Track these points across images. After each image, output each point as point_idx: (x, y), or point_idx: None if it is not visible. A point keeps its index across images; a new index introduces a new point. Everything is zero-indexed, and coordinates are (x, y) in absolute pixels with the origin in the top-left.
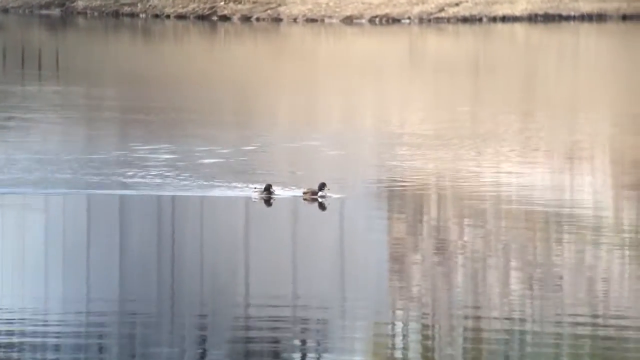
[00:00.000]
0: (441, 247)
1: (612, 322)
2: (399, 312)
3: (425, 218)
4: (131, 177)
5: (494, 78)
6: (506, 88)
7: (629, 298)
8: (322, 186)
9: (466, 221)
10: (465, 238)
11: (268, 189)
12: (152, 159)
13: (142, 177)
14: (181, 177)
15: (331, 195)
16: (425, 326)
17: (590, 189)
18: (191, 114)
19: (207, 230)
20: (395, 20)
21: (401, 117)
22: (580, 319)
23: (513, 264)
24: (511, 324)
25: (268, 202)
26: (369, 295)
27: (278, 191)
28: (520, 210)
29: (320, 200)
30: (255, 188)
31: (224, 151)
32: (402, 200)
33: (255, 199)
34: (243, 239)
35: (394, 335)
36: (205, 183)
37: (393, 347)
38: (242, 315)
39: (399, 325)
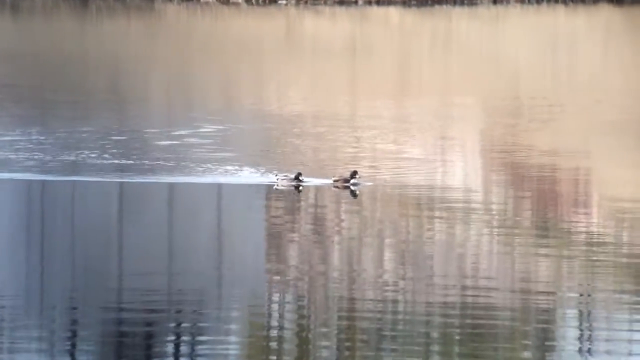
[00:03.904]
0: (318, 229)
1: (481, 295)
2: (274, 293)
3: (302, 201)
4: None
5: (370, 61)
6: (382, 71)
7: (497, 275)
8: (353, 174)
9: (343, 203)
10: (342, 219)
11: (297, 177)
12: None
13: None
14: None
15: (363, 182)
16: (300, 306)
17: (461, 170)
18: (62, 94)
19: (79, 215)
20: (272, 1)
21: (279, 99)
22: (450, 297)
23: (387, 244)
24: (384, 303)
25: (297, 189)
26: (245, 277)
27: (307, 179)
28: (394, 191)
29: (352, 187)
30: (277, 175)
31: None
32: (280, 184)
33: (282, 186)
34: (117, 224)
35: (269, 315)
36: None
37: (268, 327)
38: (114, 300)
39: (275, 306)
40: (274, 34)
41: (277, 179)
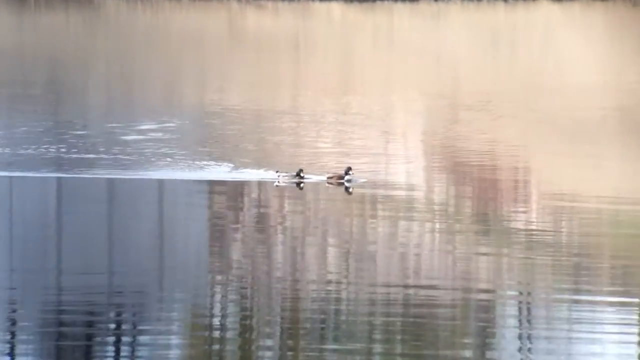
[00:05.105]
0: (261, 225)
1: (423, 293)
2: (217, 288)
3: (245, 196)
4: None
5: (313, 56)
6: (324, 67)
7: (438, 270)
8: (348, 170)
9: (286, 199)
10: (285, 215)
11: (299, 173)
12: None
13: None
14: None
15: (357, 179)
16: (243, 299)
17: (404, 167)
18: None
19: (17, 209)
20: None
21: (222, 95)
22: (392, 291)
23: (330, 239)
24: (327, 301)
25: (299, 185)
26: (187, 272)
27: (307, 176)
28: (337, 187)
29: (346, 184)
30: (278, 172)
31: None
32: (223, 178)
33: (283, 183)
34: (56, 218)
35: (211, 311)
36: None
37: (210, 327)
38: (55, 294)
39: (217, 301)
40: (216, 29)
41: (279, 176)
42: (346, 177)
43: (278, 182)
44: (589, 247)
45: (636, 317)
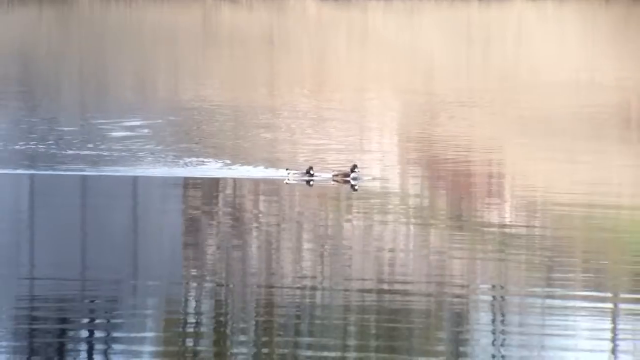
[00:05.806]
0: (236, 221)
1: (398, 298)
2: (192, 286)
3: (220, 192)
4: None
5: (287, 53)
6: (300, 63)
7: (413, 268)
8: (353, 168)
9: (261, 196)
10: (260, 212)
11: (309, 171)
12: None
13: None
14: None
15: (363, 177)
16: (218, 299)
17: (379, 164)
18: None
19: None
20: None
21: (196, 91)
22: (367, 293)
23: (305, 236)
24: (302, 296)
25: (309, 183)
26: (161, 270)
27: (317, 173)
28: (313, 184)
29: (352, 182)
30: (287, 170)
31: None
32: (197, 175)
33: (293, 180)
34: (28, 215)
35: (186, 309)
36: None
37: (185, 322)
38: (27, 292)
39: (192, 299)
40: (191, 25)
41: (288, 174)
42: (352, 175)
43: (288, 179)
44: (562, 248)
45: (609, 323)
